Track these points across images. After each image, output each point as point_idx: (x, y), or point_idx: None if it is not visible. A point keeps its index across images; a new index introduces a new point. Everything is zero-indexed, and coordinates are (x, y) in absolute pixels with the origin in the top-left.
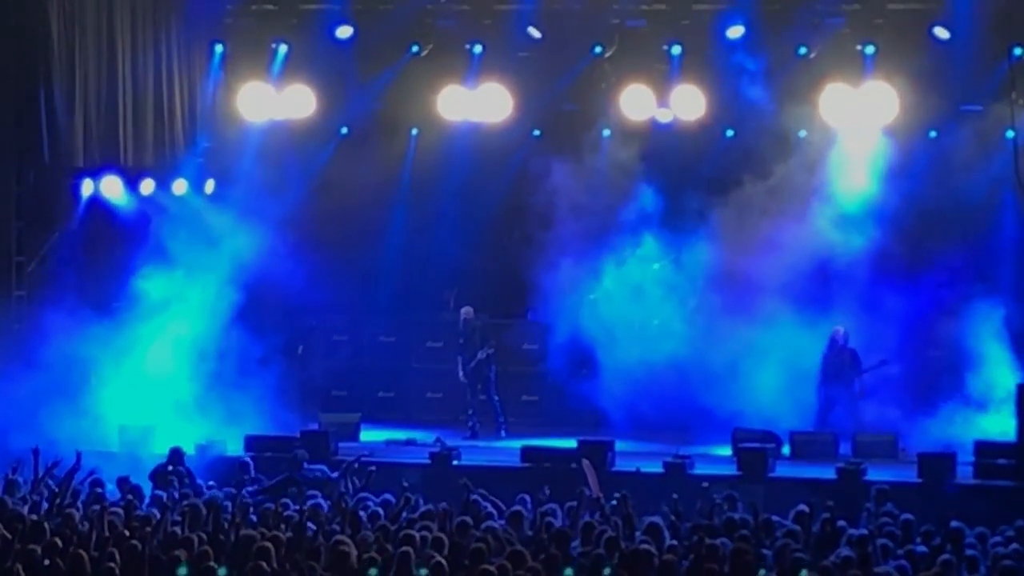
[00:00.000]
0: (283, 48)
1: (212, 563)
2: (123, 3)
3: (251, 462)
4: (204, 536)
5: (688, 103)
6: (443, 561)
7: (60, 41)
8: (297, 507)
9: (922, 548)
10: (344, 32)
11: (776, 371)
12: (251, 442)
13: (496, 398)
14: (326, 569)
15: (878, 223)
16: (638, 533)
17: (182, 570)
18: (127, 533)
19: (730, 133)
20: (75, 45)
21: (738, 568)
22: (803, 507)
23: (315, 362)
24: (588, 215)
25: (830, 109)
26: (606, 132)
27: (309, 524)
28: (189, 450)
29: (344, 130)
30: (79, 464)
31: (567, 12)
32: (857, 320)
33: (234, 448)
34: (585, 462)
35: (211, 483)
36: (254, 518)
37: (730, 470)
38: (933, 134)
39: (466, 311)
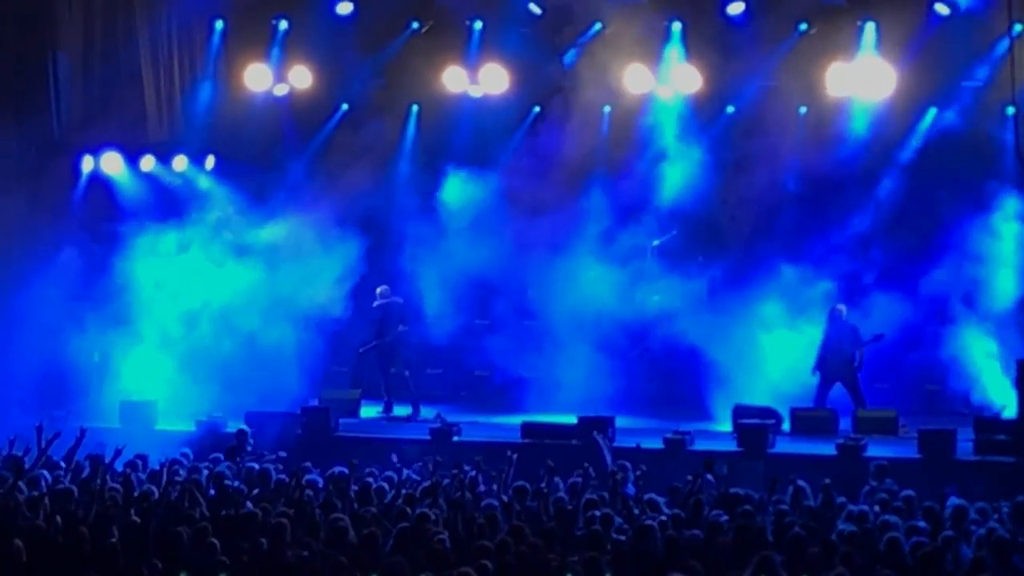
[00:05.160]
0: (283, 24)
1: (212, 539)
2: None
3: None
4: (205, 512)
5: (688, 79)
6: (444, 537)
7: (65, 18)
8: (296, 483)
9: (923, 524)
10: (344, 8)
11: (777, 347)
12: (251, 418)
13: (407, 374)
14: (326, 545)
15: (877, 197)
16: (637, 510)
17: None
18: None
19: (730, 109)
20: (79, 21)
21: (744, 543)
22: (800, 482)
23: (315, 339)
24: (586, 191)
25: (830, 85)
26: (606, 108)
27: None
28: (189, 427)
29: (344, 106)
30: (82, 441)
31: None
32: (857, 296)
33: (234, 424)
34: (598, 436)
35: (215, 455)
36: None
37: (730, 446)
38: (933, 110)
39: (382, 290)
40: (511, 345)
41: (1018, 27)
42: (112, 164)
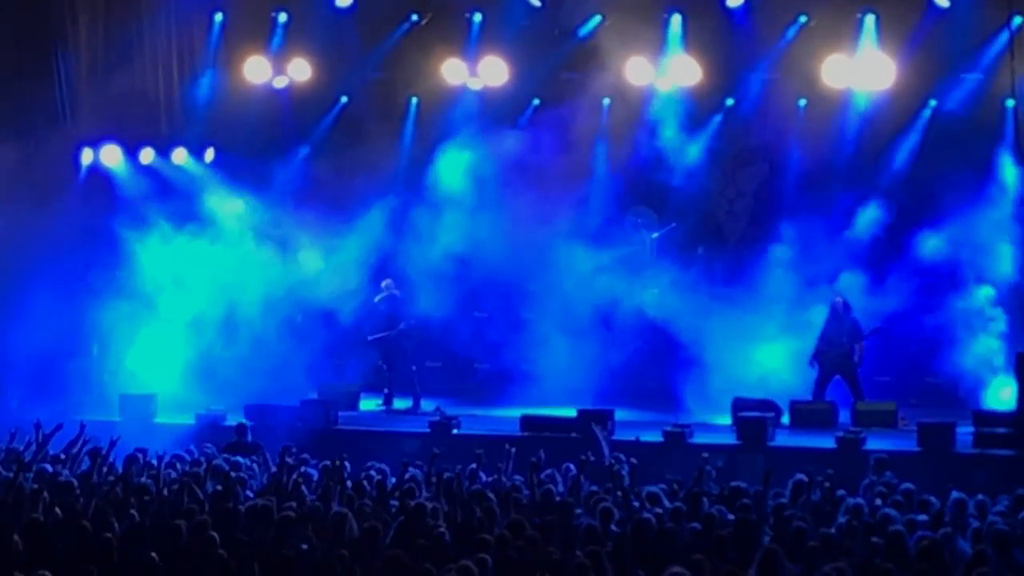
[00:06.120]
0: (283, 17)
1: (211, 532)
2: None
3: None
4: (204, 505)
5: (687, 72)
6: (443, 531)
7: (68, 11)
8: (295, 477)
9: (922, 517)
10: (344, 1)
11: (776, 340)
12: (251, 411)
13: (414, 368)
14: (326, 539)
15: (876, 190)
16: (636, 503)
17: None
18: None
19: (730, 102)
20: (81, 14)
21: (742, 537)
22: (801, 476)
23: (314, 332)
24: (586, 184)
25: (830, 78)
26: (606, 101)
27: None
28: (189, 420)
29: (344, 99)
30: (82, 435)
31: None
32: (856, 288)
33: (234, 417)
34: (596, 428)
35: (208, 447)
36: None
37: (730, 439)
38: (933, 102)
39: (387, 283)
40: (510, 337)
41: (1018, 19)
42: (111, 157)
